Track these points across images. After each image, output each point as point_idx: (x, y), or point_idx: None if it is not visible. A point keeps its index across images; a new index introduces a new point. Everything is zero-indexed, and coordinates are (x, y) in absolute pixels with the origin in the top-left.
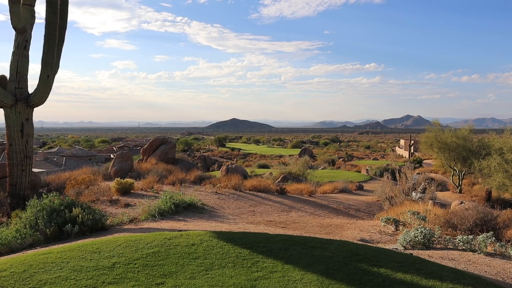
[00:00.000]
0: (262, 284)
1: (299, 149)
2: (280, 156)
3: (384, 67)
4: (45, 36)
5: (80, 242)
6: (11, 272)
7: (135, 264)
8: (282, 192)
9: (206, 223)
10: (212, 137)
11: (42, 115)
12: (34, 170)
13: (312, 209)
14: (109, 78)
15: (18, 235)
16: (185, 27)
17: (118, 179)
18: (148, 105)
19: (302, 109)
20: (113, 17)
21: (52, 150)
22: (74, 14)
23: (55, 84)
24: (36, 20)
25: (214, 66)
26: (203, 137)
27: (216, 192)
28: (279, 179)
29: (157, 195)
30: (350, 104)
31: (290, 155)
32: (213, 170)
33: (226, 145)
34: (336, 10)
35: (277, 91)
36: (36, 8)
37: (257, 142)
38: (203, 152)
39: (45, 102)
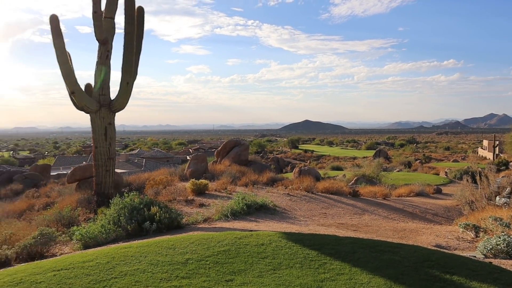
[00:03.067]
0: (328, 285)
1: (374, 151)
2: (354, 158)
3: (464, 63)
4: (124, 46)
5: (157, 238)
6: (97, 262)
7: (207, 261)
8: (355, 195)
9: (277, 224)
10: (285, 139)
11: (123, 119)
12: (117, 170)
13: (386, 213)
14: (184, 82)
15: (103, 230)
16: (256, 30)
17: (193, 180)
18: (222, 108)
19: (376, 109)
20: (187, 23)
21: (133, 152)
22: (151, 22)
23: (135, 90)
24: (116, 31)
25: (286, 68)
26: (276, 139)
27: (288, 193)
28: (352, 181)
29: (230, 196)
30: (427, 103)
31: (364, 157)
32: (286, 172)
33: (299, 147)
34: (410, 5)
35: (349, 92)
36: (116, 19)
37: (330, 143)
38: (276, 154)
39: (126, 107)
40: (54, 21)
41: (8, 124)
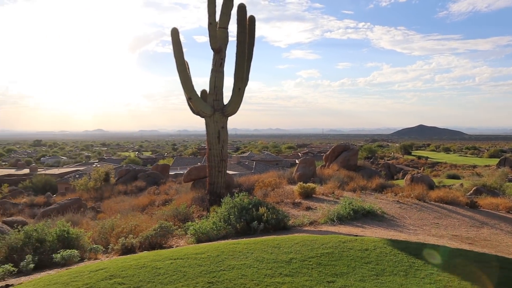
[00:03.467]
0: None
1: (498, 159)
2: (474, 167)
3: None
4: (236, 53)
5: (263, 237)
6: (208, 255)
7: (310, 261)
8: (473, 206)
9: (384, 231)
10: (397, 144)
11: (236, 123)
12: (229, 172)
13: (510, 228)
14: (294, 87)
15: (214, 227)
16: (367, 32)
17: (301, 183)
18: (332, 112)
19: (501, 113)
20: (297, 29)
21: (244, 154)
22: (262, 29)
23: (246, 95)
24: (230, 39)
25: (399, 71)
26: (388, 144)
27: (397, 201)
28: (471, 191)
29: (337, 200)
30: None
31: (485, 166)
32: (397, 179)
33: (412, 153)
34: None
35: (470, 94)
36: (229, 27)
37: (447, 150)
38: (387, 160)
39: (238, 111)
40: (174, 34)
41: (134, 128)
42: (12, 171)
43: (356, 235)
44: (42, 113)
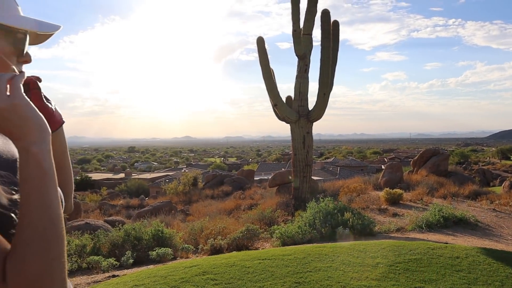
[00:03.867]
0: None
1: None
2: None
3: None
4: (321, 59)
5: (349, 242)
6: (294, 257)
7: (397, 267)
8: None
9: (477, 240)
10: (493, 148)
11: (320, 128)
12: (313, 177)
13: None
14: (379, 90)
15: (299, 230)
16: (458, 29)
17: (387, 189)
18: (420, 115)
19: None
20: (382, 30)
21: (328, 160)
22: (345, 33)
23: (330, 100)
24: (314, 43)
25: (495, 68)
26: (482, 149)
27: (493, 209)
28: None
29: (425, 207)
30: None
31: None
32: (493, 186)
33: None
34: None
35: None
36: (314, 31)
37: None
38: (482, 165)
39: (322, 117)
40: (260, 42)
41: (220, 134)
42: (110, 175)
43: (446, 243)
44: (136, 121)
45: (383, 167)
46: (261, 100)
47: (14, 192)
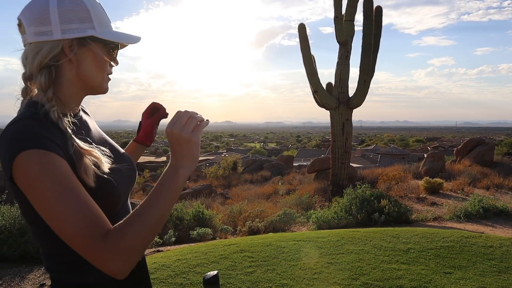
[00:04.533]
0: None
1: None
2: None
3: None
4: (362, 45)
5: (382, 228)
6: (328, 239)
7: (428, 252)
8: None
9: None
10: None
11: (361, 114)
12: (352, 164)
13: None
14: (425, 76)
15: (335, 216)
16: None
17: (427, 178)
18: (467, 103)
19: None
20: (430, 13)
21: (369, 147)
22: (390, 17)
23: (373, 86)
24: (356, 28)
25: None
26: None
27: None
28: None
29: (466, 197)
30: None
31: None
32: None
33: None
34: None
35: None
36: (357, 16)
37: None
38: None
39: (363, 103)
40: (301, 29)
41: (260, 119)
42: (152, 158)
43: (483, 233)
44: (178, 106)
45: (425, 155)
46: (302, 86)
47: (112, 162)
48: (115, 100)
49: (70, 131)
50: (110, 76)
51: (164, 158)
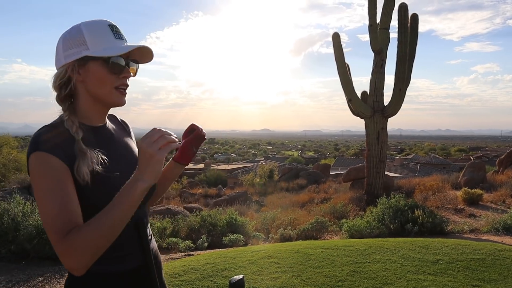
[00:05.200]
0: None
1: None
2: None
3: None
4: (397, 54)
5: (412, 238)
6: (356, 248)
7: (457, 264)
8: None
9: None
10: None
11: (400, 123)
12: (390, 174)
13: None
14: (468, 83)
15: (368, 225)
16: None
17: (466, 188)
18: None
19: None
20: (473, 18)
21: (408, 156)
22: (431, 23)
23: (413, 94)
24: (392, 35)
25: None
26: None
27: None
28: None
29: (507, 209)
30: None
31: None
32: None
33: None
34: None
35: None
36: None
37: None
38: None
39: (402, 111)
40: (335, 37)
41: (298, 127)
42: (190, 165)
43: None
44: (216, 114)
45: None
46: (340, 94)
47: (107, 168)
48: (155, 107)
49: (79, 136)
50: (123, 87)
51: (202, 165)
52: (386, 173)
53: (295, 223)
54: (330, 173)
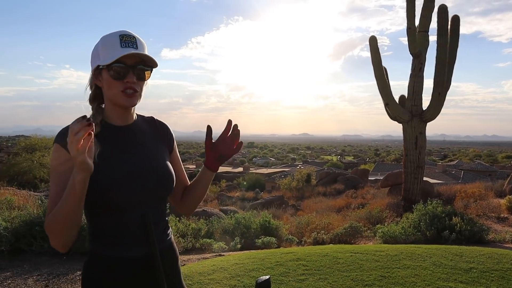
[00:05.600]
0: None
1: None
2: None
3: None
4: (436, 57)
5: (446, 245)
6: (386, 253)
7: (492, 274)
8: None
9: None
10: None
11: (444, 128)
12: (430, 180)
13: None
14: None
15: (403, 231)
16: None
17: (511, 196)
18: None
19: None
20: None
21: (451, 163)
22: (478, 25)
23: (458, 98)
24: (431, 38)
25: None
26: None
27: None
28: None
29: None
30: None
31: None
32: None
33: None
34: None
35: None
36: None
37: None
38: None
39: (446, 116)
40: (372, 41)
41: (337, 132)
42: (229, 169)
43: None
44: (256, 118)
45: None
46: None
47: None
48: (195, 111)
49: (95, 131)
50: (129, 91)
51: (241, 169)
52: (426, 179)
53: (329, 228)
54: (369, 178)
